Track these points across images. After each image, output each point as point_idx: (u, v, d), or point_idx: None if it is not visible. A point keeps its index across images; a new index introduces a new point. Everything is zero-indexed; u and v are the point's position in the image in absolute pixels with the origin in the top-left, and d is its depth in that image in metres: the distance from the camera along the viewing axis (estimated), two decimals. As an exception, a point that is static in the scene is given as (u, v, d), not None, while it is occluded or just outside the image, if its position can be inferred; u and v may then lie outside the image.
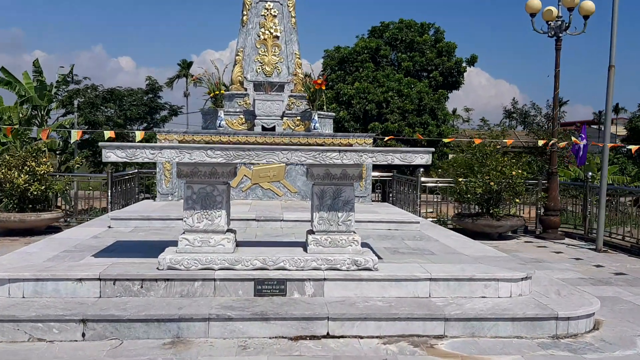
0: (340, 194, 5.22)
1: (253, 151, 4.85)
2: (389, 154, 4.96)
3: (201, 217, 5.11)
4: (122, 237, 6.67)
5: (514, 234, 10.76)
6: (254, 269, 4.97)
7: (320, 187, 5.20)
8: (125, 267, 5.01)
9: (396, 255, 5.87)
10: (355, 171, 5.18)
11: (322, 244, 5.17)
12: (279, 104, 9.65)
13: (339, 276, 4.95)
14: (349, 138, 9.56)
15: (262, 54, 10.30)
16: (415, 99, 21.86)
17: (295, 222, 7.65)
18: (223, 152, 4.81)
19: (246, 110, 9.89)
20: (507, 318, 4.66)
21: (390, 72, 23.19)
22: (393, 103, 21.78)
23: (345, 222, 5.22)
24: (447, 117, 22.29)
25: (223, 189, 5.13)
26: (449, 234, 7.55)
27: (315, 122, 9.66)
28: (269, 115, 9.62)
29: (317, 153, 4.89)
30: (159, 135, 9.11)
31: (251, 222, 7.62)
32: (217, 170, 5.06)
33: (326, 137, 9.50)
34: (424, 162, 5.00)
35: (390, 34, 24.48)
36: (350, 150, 4.92)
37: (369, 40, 24.70)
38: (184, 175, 5.07)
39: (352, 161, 4.92)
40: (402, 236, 7.21)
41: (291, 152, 4.88)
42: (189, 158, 4.80)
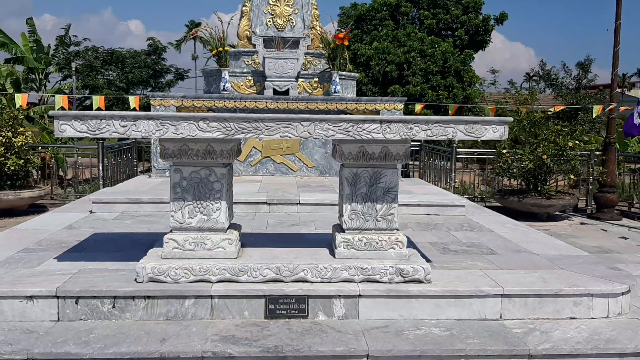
0: (379, 180, 3.88)
1: (262, 122, 3.50)
2: (450, 126, 3.59)
3: (194, 211, 3.82)
4: (102, 228, 5.42)
5: (562, 213, 9.39)
6: (265, 281, 3.70)
7: (353, 170, 3.87)
8: (93, 277, 3.76)
9: (447, 256, 4.56)
10: (401, 149, 3.83)
11: (356, 247, 3.87)
12: (293, 63, 8.23)
13: (379, 291, 3.66)
14: (375, 103, 8.15)
15: (273, 4, 8.81)
16: (440, 59, 20.17)
17: (314, 206, 6.35)
18: (221, 123, 3.48)
19: (255, 71, 8.49)
20: (614, 354, 3.38)
21: (412, 31, 21.46)
22: (415, 64, 20.13)
23: (386, 216, 3.90)
24: (474, 80, 20.62)
25: (223, 173, 3.82)
26: (503, 221, 6.21)
27: (335, 84, 8.25)
28: (281, 77, 8.22)
29: (349, 125, 3.53)
30: (153, 100, 7.77)
31: (261, 206, 6.33)
32: (214, 148, 3.74)
33: (349, 102, 8.10)
34: (498, 137, 3.63)
35: (411, -12, 22.59)
36: (397, 121, 3.56)
37: (389, -5, 22.85)
38: (169, 155, 3.76)
39: (399, 135, 3.57)
40: (446, 224, 5.88)
41: (314, 124, 3.52)
42: (173, 132, 3.47)
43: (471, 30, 22.15)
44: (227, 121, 3.48)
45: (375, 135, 3.56)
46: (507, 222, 6.13)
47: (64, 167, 18.77)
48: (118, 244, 4.72)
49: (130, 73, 21.48)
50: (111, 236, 5.02)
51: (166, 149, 3.74)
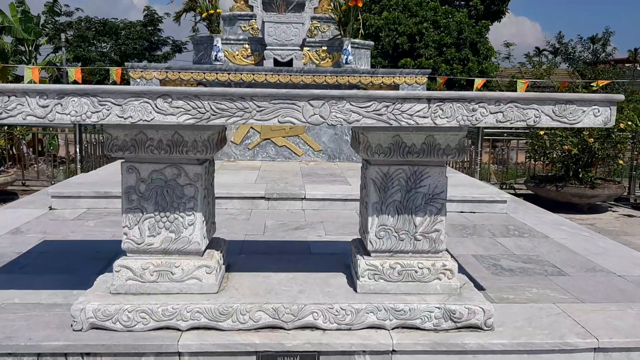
0: (419, 182, 2.74)
1: (251, 101, 2.34)
2: (532, 107, 2.42)
3: (156, 227, 2.69)
4: (56, 232, 4.31)
5: (603, 203, 8.23)
6: (257, 329, 2.59)
7: (383, 168, 2.72)
8: (15, 321, 2.66)
9: (503, 279, 3.43)
10: (453, 139, 2.67)
11: (386, 276, 2.75)
12: (298, 29, 7.01)
13: (421, 344, 2.54)
14: (394, 76, 6.94)
15: (274, -41, 7.54)
16: (454, 31, 18.77)
17: (322, 202, 5.21)
18: (189, 102, 2.32)
19: (252, 38, 7.28)
20: None
21: (424, 0, 20.00)
22: (428, 36, 18.73)
23: (429, 234, 2.77)
24: (490, 53, 19.24)
25: (197, 173, 2.67)
26: (555, 221, 5.06)
27: (347, 53, 7.04)
28: (283, 45, 7.02)
29: (382, 104, 2.37)
30: (132, 72, 6.58)
31: (259, 202, 5.20)
32: (183, 138, 2.59)
33: (363, 74, 6.90)
34: (600, 123, 2.46)
35: (424, -46, 21.02)
36: (453, 99, 2.39)
37: (399, -38, 21.31)
38: (118, 148, 2.61)
39: (455, 121, 2.41)
40: (487, 227, 4.74)
41: (329, 104, 2.36)
42: (118, 115, 2.32)
43: (487, 0, 20.68)
44: (200, 99, 2.32)
45: (420, 121, 2.40)
46: (561, 223, 4.98)
47: (54, 145, 17.60)
48: (70, 258, 3.61)
49: (124, 45, 20.16)
50: (64, 246, 3.91)
51: (113, 139, 2.59)
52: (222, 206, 5.14)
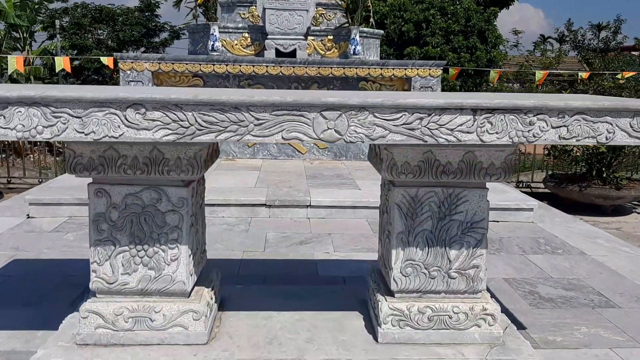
0: (455, 208, 2.23)
1: (248, 112, 1.83)
2: (603, 120, 1.90)
3: (132, 262, 2.19)
4: (30, 248, 3.82)
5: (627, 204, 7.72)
6: (256, 390, 2.10)
7: (410, 191, 2.21)
8: (-41, 376, 2.18)
9: (544, 312, 2.93)
10: (497, 156, 2.16)
11: (414, 323, 2.25)
12: (302, 16, 6.46)
13: (458, 410, 2.05)
14: (406, 68, 6.40)
15: (276, -60, 6.95)
16: (462, 18, 18.13)
17: (329, 209, 4.71)
18: (169, 114, 1.81)
19: (252, 26, 6.73)
20: None
21: (431, -14, 19.31)
22: (435, 23, 18.09)
23: (466, 270, 2.27)
24: (499, 41, 18.60)
25: (182, 197, 2.17)
26: (588, 233, 4.56)
27: (355, 43, 6.49)
28: (286, 34, 6.47)
29: (415, 116, 1.86)
30: (122, 64, 6.05)
31: (259, 209, 4.70)
32: (164, 155, 2.08)
33: (372, 66, 6.36)
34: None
35: (431, -63, 20.29)
36: (504, 110, 1.87)
37: (405, -54, 20.60)
38: (83, 168, 2.10)
39: (507, 137, 1.90)
40: (515, 240, 4.24)
41: (346, 115, 1.85)
42: (78, 130, 1.81)
43: (496, -15, 19.99)
44: (182, 110, 1.81)
45: (463, 137, 1.89)
46: (595, 235, 4.48)
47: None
48: (40, 284, 3.12)
49: (121, 31, 19.52)
50: (35, 268, 3.41)
51: (77, 157, 2.08)
52: (218, 214, 4.64)
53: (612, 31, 25.62)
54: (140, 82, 6.16)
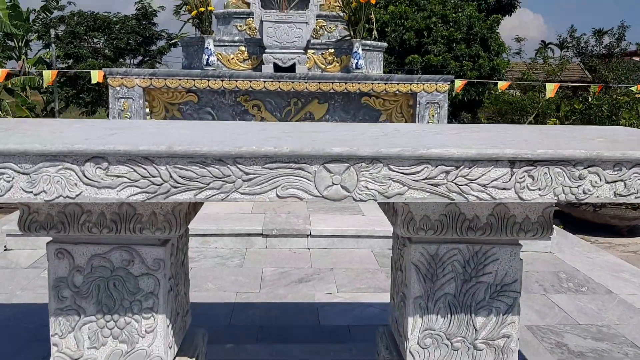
0: (482, 269, 1.89)
1: (236, 165, 1.49)
2: (671, 173, 1.57)
3: (100, 335, 1.85)
4: (3, 286, 3.48)
5: None
6: None
7: (430, 248, 1.87)
8: None
9: (577, 373, 2.58)
10: (533, 210, 1.82)
11: (433, 405, 1.90)
12: (301, 29, 6.14)
13: None
14: (411, 83, 6.07)
15: (274, -51, 6.65)
16: (464, 26, 17.85)
17: (331, 239, 4.37)
18: (138, 168, 1.47)
19: (250, 39, 6.40)
20: None
21: (432, -7, 19.05)
22: (436, 31, 17.80)
23: (494, 340, 1.92)
24: (502, 49, 18.31)
25: (158, 258, 1.83)
26: (612, 265, 4.21)
27: (358, 57, 6.16)
28: (285, 47, 6.14)
29: (439, 169, 1.52)
30: (112, 80, 5.72)
31: (255, 240, 4.35)
32: (136, 211, 1.74)
33: (375, 81, 6.03)
34: None
35: (431, -55, 20.04)
36: (550, 162, 1.53)
37: (406, -47, 20.35)
38: (40, 226, 1.76)
39: (551, 195, 1.56)
40: (534, 275, 3.89)
41: (355, 168, 1.51)
42: (25, 190, 1.47)
43: (498, -7, 19.73)
44: (154, 164, 1.47)
45: (498, 194, 1.55)
46: (619, 269, 4.13)
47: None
48: (4, 340, 2.78)
49: (118, 39, 19.21)
50: (3, 315, 3.07)
51: (32, 214, 1.74)
52: (210, 245, 4.30)
53: (615, 38, 25.32)
54: (130, 99, 5.83)
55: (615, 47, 25.39)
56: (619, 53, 26.21)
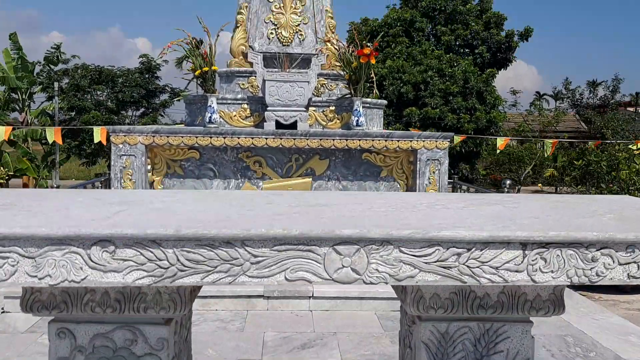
0: (494, 347, 1.85)
1: (244, 248, 1.47)
2: (685, 255, 1.55)
3: (99, 419, 1.77)
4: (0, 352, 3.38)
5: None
6: None
7: (440, 326, 1.83)
8: None
9: None
10: (545, 288, 1.80)
11: None
12: (303, 88, 6.25)
13: None
14: (411, 140, 6.13)
15: (276, 10, 6.85)
16: (460, 79, 18.22)
17: (334, 300, 4.29)
18: (145, 251, 1.45)
19: (252, 97, 6.51)
20: None
21: (428, 48, 19.55)
22: (433, 84, 18.17)
23: (509, 423, 1.85)
24: (498, 102, 18.64)
25: (162, 337, 1.78)
26: (620, 329, 4.13)
27: (358, 114, 6.25)
28: (287, 105, 6.23)
29: (450, 251, 1.50)
30: (114, 137, 5.77)
31: (256, 301, 4.28)
32: (140, 290, 1.71)
33: (376, 138, 6.09)
34: None
35: (427, 3, 20.74)
36: (562, 244, 1.52)
37: (402, 10, 21.03)
38: (42, 306, 1.73)
39: (564, 277, 1.54)
40: (540, 339, 3.81)
41: (366, 249, 1.49)
42: (30, 274, 1.44)
43: (493, 48, 20.25)
44: (161, 247, 1.45)
45: (511, 276, 1.53)
46: (627, 332, 4.06)
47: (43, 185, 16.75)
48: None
49: (121, 92, 19.55)
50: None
51: (34, 293, 1.71)
52: (210, 307, 4.22)
53: (610, 90, 25.84)
54: (132, 156, 5.86)
55: (610, 98, 25.85)
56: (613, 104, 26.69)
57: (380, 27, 20.38)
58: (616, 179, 6.61)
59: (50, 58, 20.33)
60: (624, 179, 6.45)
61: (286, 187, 6.37)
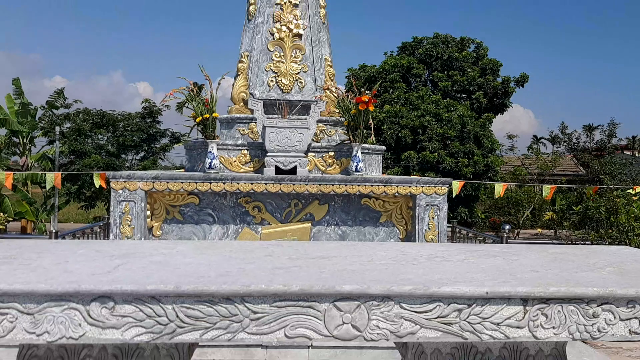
0: (497, 404, 1.81)
1: (244, 304, 1.46)
2: (687, 311, 1.54)
3: None
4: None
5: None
6: None
7: (441, 382, 1.80)
8: None
9: None
10: (547, 343, 1.78)
11: None
12: (302, 134, 6.32)
13: None
14: (410, 185, 6.15)
15: (276, 59, 7.00)
16: (457, 124, 18.44)
17: (333, 350, 4.22)
18: (144, 307, 1.44)
19: (252, 143, 6.57)
20: None
21: (425, 93, 19.87)
22: (431, 129, 18.38)
23: None
24: (495, 146, 18.81)
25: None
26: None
27: (357, 160, 6.29)
28: (286, 151, 6.29)
29: (450, 308, 1.50)
30: (114, 183, 5.79)
31: (255, 350, 4.20)
32: (138, 345, 1.69)
33: (375, 183, 6.12)
34: None
35: (423, 50, 21.24)
36: (564, 299, 1.51)
37: (399, 57, 21.49)
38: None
39: (565, 333, 1.53)
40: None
41: (367, 305, 1.49)
42: (28, 331, 1.43)
43: (490, 93, 20.59)
44: (160, 303, 1.45)
45: (512, 332, 1.51)
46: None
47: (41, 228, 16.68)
48: None
49: (122, 136, 19.73)
50: None
51: (31, 348, 1.69)
52: (208, 356, 4.15)
53: (606, 134, 26.14)
54: (132, 202, 5.87)
55: (606, 143, 26.12)
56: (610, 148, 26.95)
57: (378, 73, 20.79)
58: (615, 224, 6.61)
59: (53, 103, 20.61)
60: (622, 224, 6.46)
61: (285, 233, 6.36)
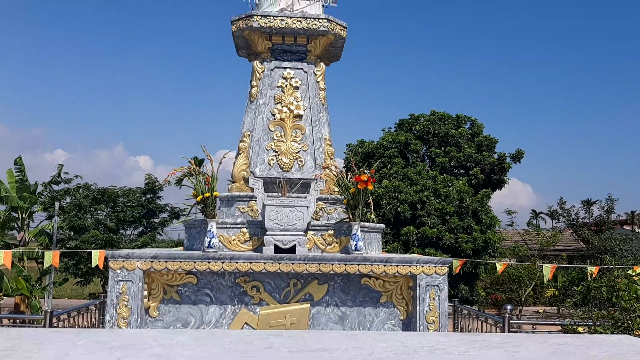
0: None
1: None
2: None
3: None
4: None
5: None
6: None
7: None
8: None
9: None
10: None
11: None
12: (302, 212, 6.36)
13: None
14: (410, 265, 6.12)
15: (277, 139, 7.18)
16: (455, 199, 18.56)
17: None
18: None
19: (251, 221, 6.60)
20: None
21: (423, 169, 20.17)
22: (429, 204, 18.48)
23: None
24: (494, 222, 18.83)
25: None
26: None
27: (357, 239, 6.30)
28: (286, 230, 6.30)
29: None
30: (113, 263, 5.76)
31: None
32: None
33: (375, 262, 6.09)
34: None
35: (421, 127, 21.77)
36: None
37: (397, 133, 21.99)
38: None
39: None
40: None
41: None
42: None
43: (487, 169, 20.88)
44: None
45: None
46: None
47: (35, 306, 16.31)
48: None
49: (122, 212, 19.78)
50: None
51: None
52: None
53: (605, 210, 26.26)
54: (129, 282, 5.82)
55: (605, 218, 26.20)
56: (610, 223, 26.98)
57: (376, 149, 21.18)
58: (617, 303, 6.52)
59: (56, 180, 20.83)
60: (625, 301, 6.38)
61: (284, 314, 6.25)
